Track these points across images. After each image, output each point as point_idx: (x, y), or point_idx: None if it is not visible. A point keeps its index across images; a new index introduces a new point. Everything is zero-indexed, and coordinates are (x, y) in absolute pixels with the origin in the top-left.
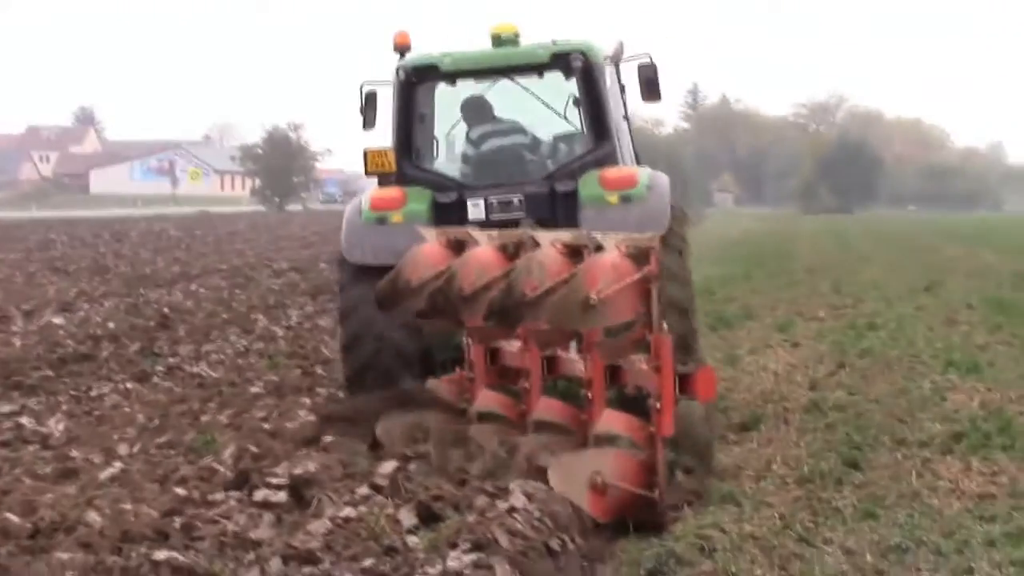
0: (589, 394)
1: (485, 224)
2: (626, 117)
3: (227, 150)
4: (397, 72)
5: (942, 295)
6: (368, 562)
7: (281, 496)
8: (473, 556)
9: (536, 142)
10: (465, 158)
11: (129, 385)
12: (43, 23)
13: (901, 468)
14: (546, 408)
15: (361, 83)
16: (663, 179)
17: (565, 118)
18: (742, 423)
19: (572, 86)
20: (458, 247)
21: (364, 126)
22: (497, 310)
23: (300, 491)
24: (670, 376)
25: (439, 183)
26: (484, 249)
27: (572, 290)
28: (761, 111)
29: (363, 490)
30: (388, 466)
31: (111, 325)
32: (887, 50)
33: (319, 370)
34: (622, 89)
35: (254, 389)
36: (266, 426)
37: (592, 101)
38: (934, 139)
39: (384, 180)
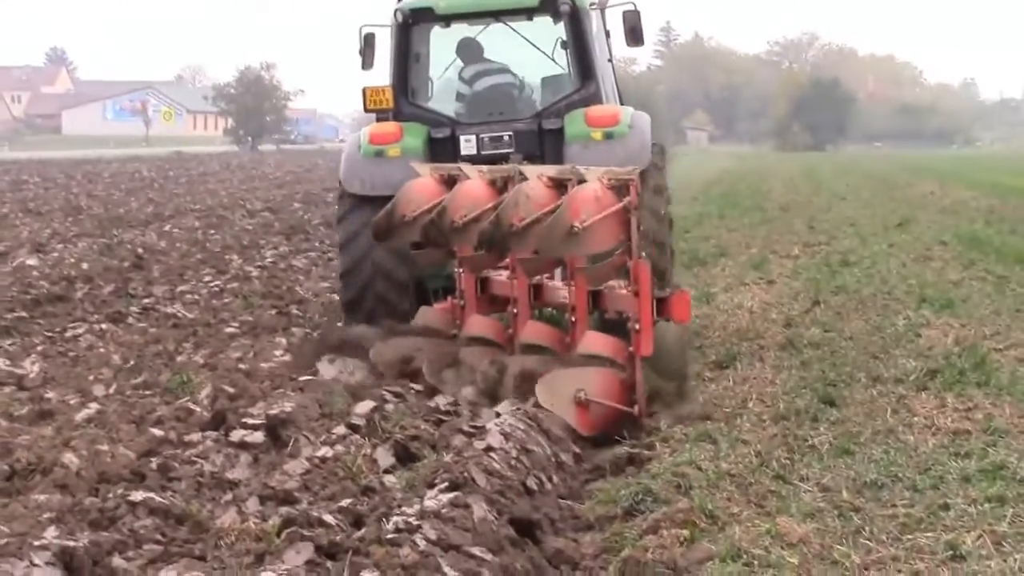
0: (573, 318)
1: (476, 159)
2: (610, 60)
3: (200, 90)
4: (395, 14)
5: (915, 231)
6: (345, 502)
7: (258, 436)
8: (450, 495)
9: (525, 83)
10: (459, 96)
11: (104, 326)
12: None
13: (876, 405)
14: (532, 331)
15: (360, 25)
16: (644, 118)
17: (553, 60)
18: (717, 361)
19: (560, 29)
20: (450, 182)
21: (363, 66)
22: (487, 240)
23: (276, 431)
24: (648, 299)
25: (434, 120)
26: (474, 183)
27: (557, 219)
28: (734, 49)
29: (340, 430)
30: (365, 406)
31: (85, 266)
32: None
33: (294, 310)
34: (607, 34)
35: (229, 329)
36: (241, 366)
37: (578, 44)
38: (907, 76)
39: (382, 116)
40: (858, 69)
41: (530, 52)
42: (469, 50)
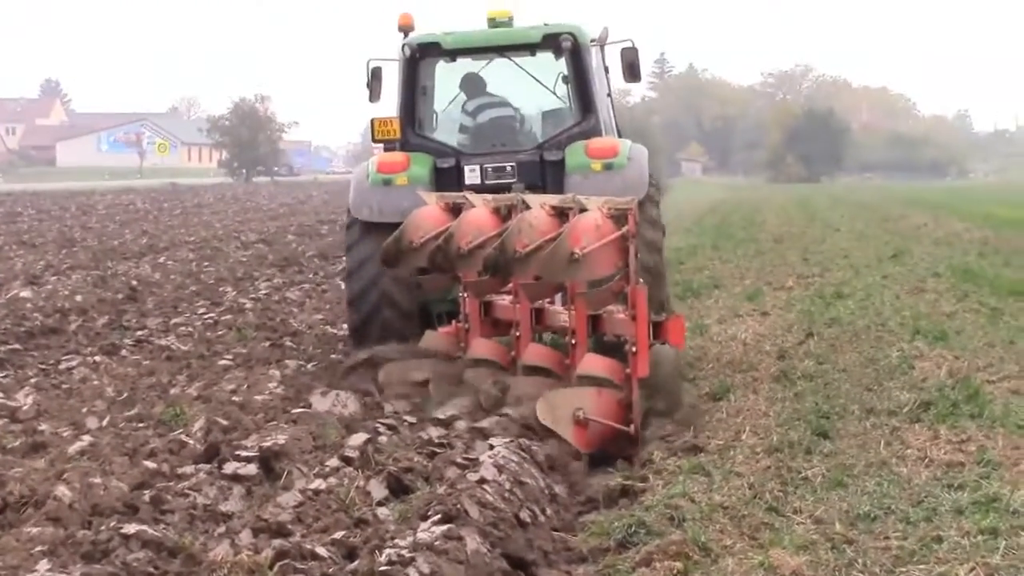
0: (573, 340)
1: (480, 188)
2: (609, 95)
3: (194, 122)
4: (403, 48)
5: (909, 263)
6: (338, 534)
7: (251, 469)
8: (443, 527)
9: (526, 116)
10: (462, 128)
11: (97, 358)
12: None
13: (870, 437)
14: (534, 354)
15: (368, 59)
16: (642, 150)
17: (554, 94)
18: (711, 392)
19: (561, 65)
20: (455, 210)
21: (370, 99)
22: (491, 265)
23: (270, 463)
24: (645, 323)
25: (439, 150)
26: (479, 211)
27: (558, 247)
28: (728, 80)
29: (333, 462)
30: (358, 438)
31: (79, 298)
32: (853, 18)
33: (288, 342)
34: (606, 70)
35: (223, 361)
36: (235, 399)
37: (579, 78)
38: (901, 108)
39: (389, 146)
40: (852, 100)
41: (532, 86)
42: (472, 84)
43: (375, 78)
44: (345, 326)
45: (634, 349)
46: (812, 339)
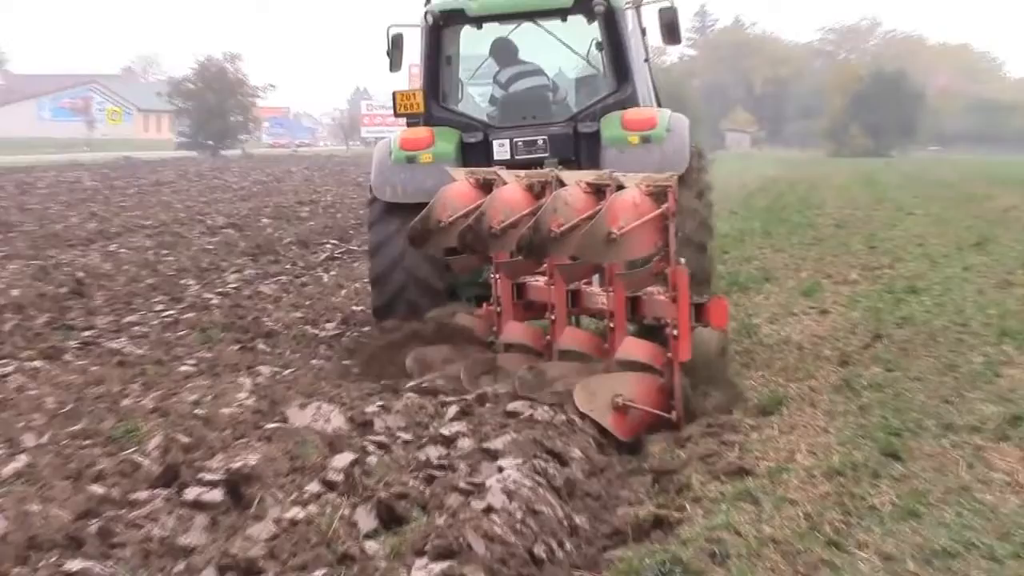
0: (611, 324)
1: (510, 164)
2: (647, 60)
3: (152, 85)
4: (425, 16)
5: (995, 253)
6: (319, 572)
7: (216, 495)
8: (443, 565)
9: (559, 85)
10: (492, 99)
11: (37, 364)
12: None
13: (948, 458)
14: (571, 338)
15: (388, 26)
16: (683, 121)
17: (588, 61)
18: (760, 406)
19: (594, 30)
20: (486, 187)
21: (391, 68)
22: (526, 245)
23: (239, 488)
24: (686, 305)
25: (465, 124)
26: (512, 188)
27: (595, 226)
28: (781, 37)
29: (313, 487)
30: (343, 459)
31: (15, 293)
32: None
33: (261, 345)
34: (643, 32)
35: (184, 368)
36: (198, 412)
37: (614, 44)
38: (984, 69)
39: (412, 121)
40: (927, 61)
41: (563, 53)
42: (504, 51)
43: (395, 46)
44: (328, 325)
45: (675, 332)
46: (880, 342)
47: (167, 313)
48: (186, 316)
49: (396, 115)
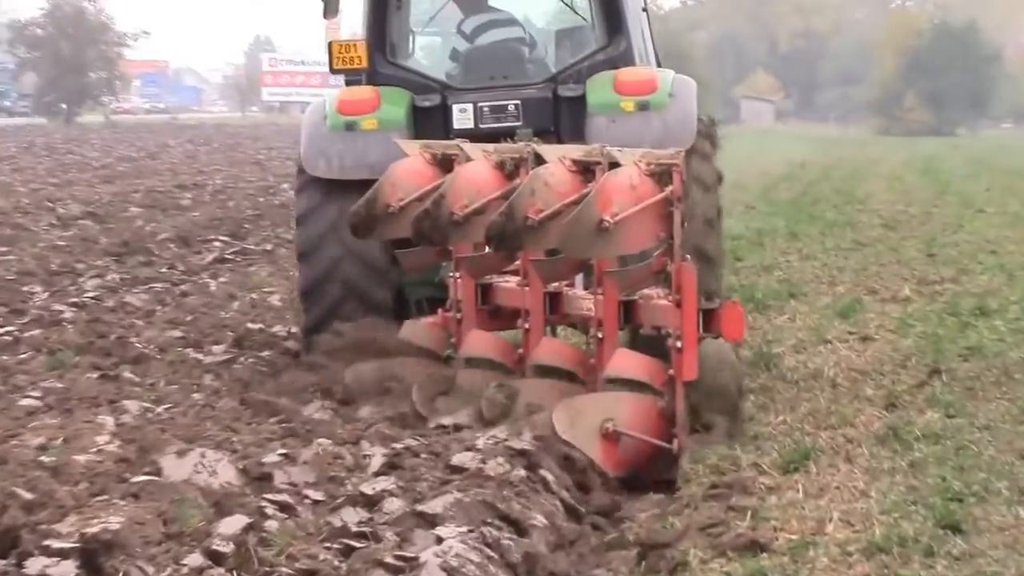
0: (599, 334)
1: (474, 134)
2: (645, 9)
3: None
4: None
5: None
6: None
7: (67, 568)
8: None
9: (536, 37)
10: (453, 54)
11: None
12: None
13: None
14: (549, 350)
15: None
16: (690, 85)
17: (572, 8)
18: (782, 460)
19: None
20: (445, 163)
21: (325, 12)
22: (496, 235)
23: (96, 560)
24: (693, 311)
25: (419, 84)
26: (478, 165)
27: (583, 213)
28: None
29: (194, 560)
30: (234, 523)
31: None
32: None
33: (127, 372)
34: None
35: (26, 401)
36: (45, 459)
37: None
38: None
39: (352, 78)
40: (1006, 12)
41: (548, 1)
42: None
43: None
44: (216, 348)
45: (679, 344)
46: (939, 379)
47: (5, 329)
48: (30, 334)
49: (332, 71)
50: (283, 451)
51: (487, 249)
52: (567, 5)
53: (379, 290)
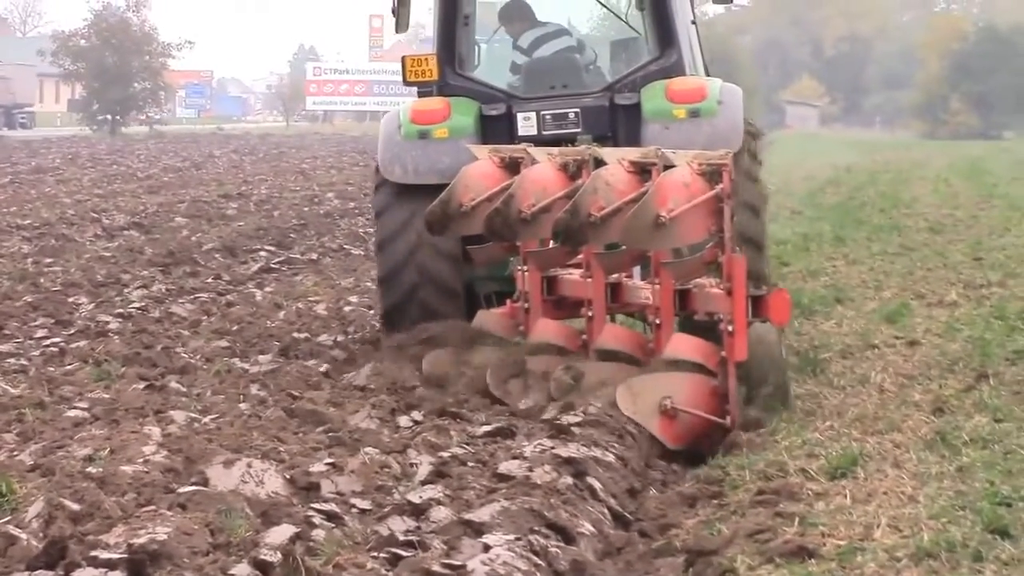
0: (657, 320)
1: (537, 140)
2: (694, 22)
3: (32, 41)
4: None
5: None
6: None
7: None
8: None
9: (591, 50)
10: (514, 66)
11: None
12: None
13: None
14: (611, 336)
15: None
16: (736, 92)
17: (626, 23)
18: (829, 466)
19: None
20: (512, 166)
21: (397, 28)
22: (563, 230)
23: (143, 571)
24: (743, 297)
25: (485, 94)
26: (543, 168)
27: (643, 208)
28: None
29: (242, 570)
30: (281, 532)
31: None
32: None
33: (174, 383)
34: None
35: (73, 412)
36: (92, 470)
37: (657, 2)
38: None
39: (424, 90)
40: None
41: (595, 11)
42: (517, 14)
43: (402, 3)
44: (262, 357)
45: (731, 328)
46: (986, 383)
47: (51, 341)
48: (76, 345)
49: (405, 83)
50: (330, 460)
51: (552, 244)
52: (622, 20)
53: (451, 276)
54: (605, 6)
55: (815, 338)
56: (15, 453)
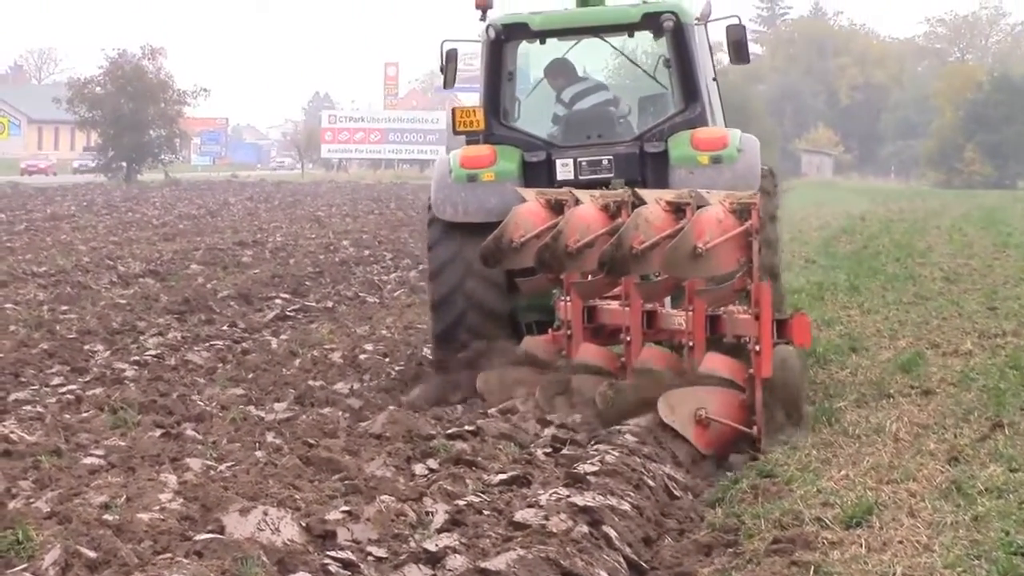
0: (690, 343)
1: (574, 184)
2: (715, 79)
3: (48, 89)
4: (487, 30)
5: None
6: None
7: None
8: None
9: (624, 103)
10: (554, 118)
11: None
12: None
13: None
14: (648, 356)
15: (442, 41)
16: (753, 141)
17: (654, 78)
18: (844, 515)
19: (662, 46)
20: (557, 207)
21: (445, 84)
22: (607, 261)
23: None
24: (769, 321)
25: (527, 142)
26: (587, 208)
27: (682, 240)
28: (875, 30)
29: None
30: None
31: None
32: None
33: (189, 430)
34: (710, 49)
35: (90, 460)
36: (108, 517)
37: (682, 61)
38: None
39: (471, 139)
40: None
41: (621, 71)
42: (562, 70)
43: (450, 61)
44: (278, 405)
45: (757, 348)
46: (1001, 433)
47: (67, 388)
48: (92, 392)
49: (455, 132)
50: (346, 508)
51: (593, 276)
52: (651, 77)
53: (497, 302)
54: (636, 64)
55: (830, 387)
56: (32, 500)
